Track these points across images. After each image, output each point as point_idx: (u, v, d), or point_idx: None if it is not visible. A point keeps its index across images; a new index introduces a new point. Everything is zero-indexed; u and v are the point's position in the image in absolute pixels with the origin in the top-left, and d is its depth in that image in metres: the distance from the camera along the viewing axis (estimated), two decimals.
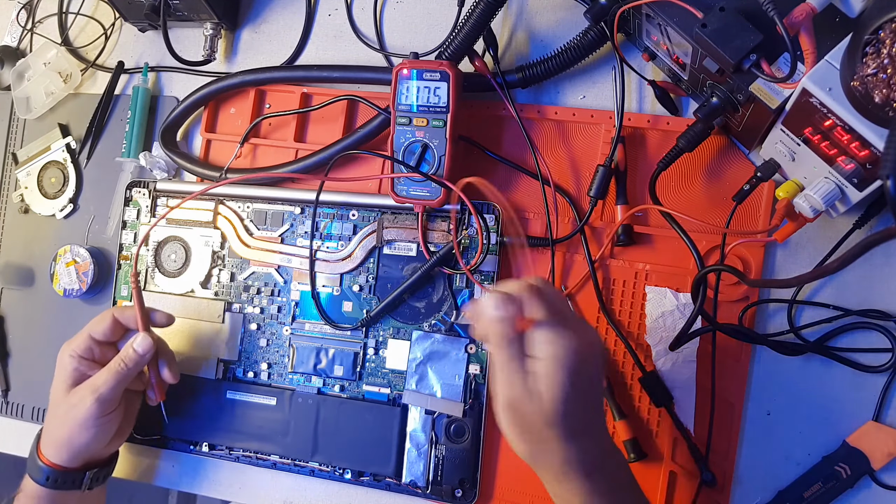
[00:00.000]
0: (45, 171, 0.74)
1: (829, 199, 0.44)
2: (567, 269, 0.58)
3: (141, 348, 0.56)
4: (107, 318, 0.57)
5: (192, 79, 0.71)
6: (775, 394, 0.54)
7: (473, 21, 0.54)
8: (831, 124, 0.41)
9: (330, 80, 0.64)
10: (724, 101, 0.49)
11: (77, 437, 0.55)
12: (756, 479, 0.54)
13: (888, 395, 0.52)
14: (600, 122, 0.59)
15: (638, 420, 0.56)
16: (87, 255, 0.69)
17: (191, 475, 0.66)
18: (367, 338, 0.61)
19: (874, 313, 0.52)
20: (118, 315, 0.58)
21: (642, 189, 0.57)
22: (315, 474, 0.61)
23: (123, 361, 0.56)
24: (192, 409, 0.63)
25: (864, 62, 0.37)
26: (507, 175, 0.61)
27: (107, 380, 0.55)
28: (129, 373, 0.56)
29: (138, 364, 0.56)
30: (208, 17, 0.67)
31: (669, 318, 0.56)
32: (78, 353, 0.57)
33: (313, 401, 0.61)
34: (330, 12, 0.68)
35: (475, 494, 0.57)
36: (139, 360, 0.56)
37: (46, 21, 0.77)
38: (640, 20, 0.52)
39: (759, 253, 0.55)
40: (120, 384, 0.56)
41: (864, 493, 0.52)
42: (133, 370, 0.56)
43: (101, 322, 0.57)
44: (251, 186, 0.65)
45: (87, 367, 0.57)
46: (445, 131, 0.56)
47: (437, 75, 0.55)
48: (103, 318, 0.57)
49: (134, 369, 0.56)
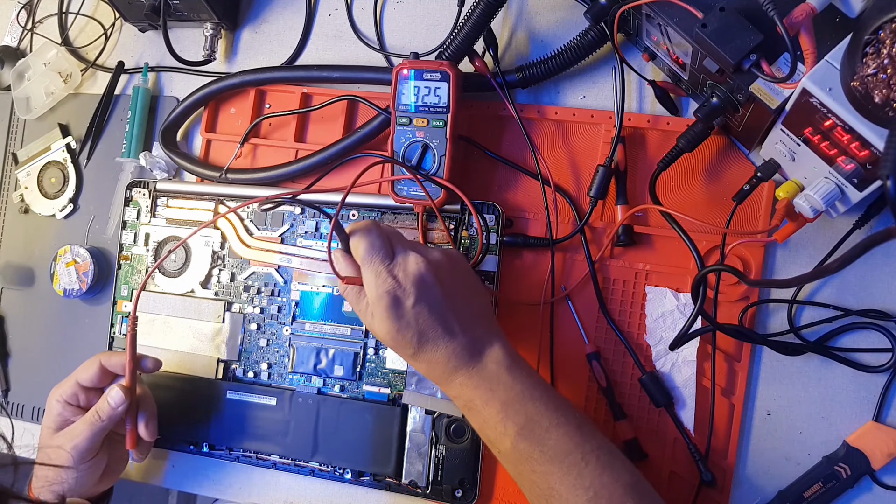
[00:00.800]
0: (45, 171, 0.74)
1: (829, 199, 0.44)
2: (567, 270, 0.58)
3: (114, 402, 0.56)
4: (94, 364, 0.58)
5: (192, 79, 0.71)
6: (775, 394, 0.54)
7: (473, 21, 0.54)
8: (831, 124, 0.41)
9: (330, 81, 0.64)
10: (724, 101, 0.49)
11: (62, 477, 0.56)
12: (756, 479, 0.54)
13: (888, 395, 0.52)
14: (600, 122, 0.59)
15: (638, 420, 0.56)
16: (87, 255, 0.69)
17: (191, 475, 0.66)
18: (367, 338, 0.61)
19: (874, 313, 0.52)
20: (105, 362, 0.58)
21: (642, 189, 0.57)
22: (315, 474, 0.61)
23: (98, 413, 0.56)
24: (193, 409, 0.63)
25: (864, 62, 0.37)
26: (507, 175, 0.61)
27: (82, 431, 0.55)
28: (104, 425, 0.56)
29: (112, 417, 0.56)
30: (208, 17, 0.67)
31: (669, 318, 0.56)
32: (64, 399, 0.57)
33: (313, 401, 0.61)
34: (330, 12, 0.68)
35: (475, 494, 0.57)
36: (112, 413, 0.56)
37: (46, 21, 0.77)
38: (640, 20, 0.52)
39: (759, 253, 0.55)
40: (96, 435, 0.55)
41: (864, 493, 0.52)
42: (108, 422, 0.56)
43: (87, 369, 0.58)
44: (251, 186, 0.65)
45: (71, 413, 0.57)
46: (445, 131, 0.56)
47: (438, 75, 0.55)
48: (90, 365, 0.58)
49: (108, 422, 0.56)
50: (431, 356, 0.47)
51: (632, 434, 0.55)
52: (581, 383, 0.57)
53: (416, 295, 0.47)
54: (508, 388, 0.47)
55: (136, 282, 0.67)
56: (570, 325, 0.58)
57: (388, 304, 0.46)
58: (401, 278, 0.47)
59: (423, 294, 0.47)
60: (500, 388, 0.47)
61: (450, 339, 0.47)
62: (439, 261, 0.49)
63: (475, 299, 0.51)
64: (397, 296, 0.46)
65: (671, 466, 0.55)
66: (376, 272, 0.47)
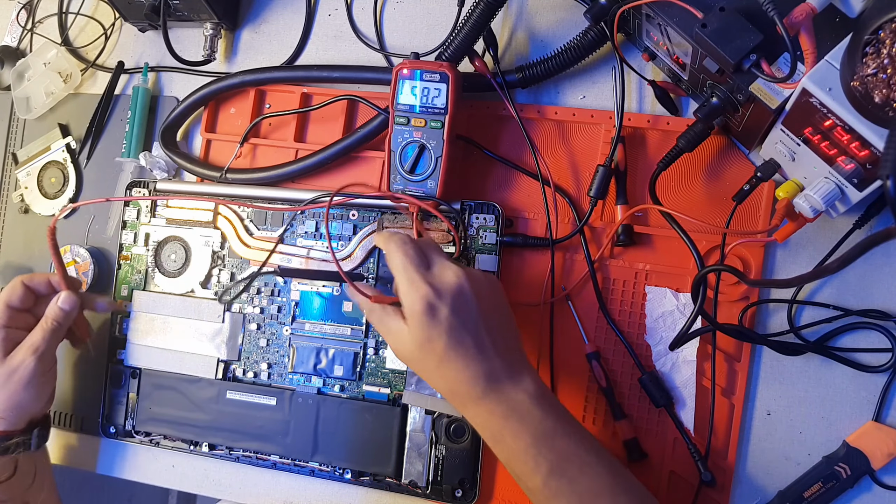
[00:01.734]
0: (45, 171, 0.74)
1: (829, 199, 0.44)
2: (567, 270, 0.58)
3: (67, 305, 0.60)
4: (17, 287, 0.60)
5: (192, 79, 0.71)
6: (775, 394, 0.54)
7: (473, 21, 0.54)
8: (831, 124, 0.41)
9: (330, 80, 0.64)
10: (724, 101, 0.49)
11: (22, 397, 0.58)
12: (756, 479, 0.54)
13: (888, 395, 0.52)
14: (600, 122, 0.59)
15: (638, 420, 0.56)
16: (87, 255, 0.69)
17: (191, 475, 0.66)
18: (367, 338, 0.61)
19: (874, 313, 0.52)
20: (27, 282, 0.61)
21: (642, 189, 0.57)
22: (315, 474, 0.61)
23: (55, 320, 0.59)
24: (193, 409, 0.63)
25: (864, 62, 0.37)
26: (507, 175, 0.61)
27: (43, 337, 0.59)
28: (60, 329, 0.60)
29: (68, 319, 0.60)
30: (208, 17, 0.67)
31: (669, 318, 0.56)
32: (2, 323, 0.59)
33: (313, 401, 0.61)
34: (330, 12, 0.68)
35: (475, 494, 0.57)
36: (68, 315, 0.60)
37: (46, 21, 0.77)
38: (640, 20, 0.52)
39: (759, 253, 0.55)
40: (55, 340, 0.60)
41: (864, 493, 0.52)
42: (64, 326, 0.60)
43: (13, 291, 0.60)
44: (251, 187, 0.65)
45: (14, 334, 0.60)
46: (443, 133, 0.56)
47: (437, 76, 0.55)
48: (14, 288, 0.60)
49: (65, 325, 0.60)
50: (457, 373, 0.45)
51: (632, 434, 0.55)
52: (581, 383, 0.57)
53: (451, 305, 0.45)
54: (539, 422, 0.45)
55: (136, 282, 0.67)
56: (570, 325, 0.58)
57: (423, 310, 0.45)
58: (437, 286, 0.45)
59: (459, 305, 0.45)
60: (531, 421, 0.45)
61: (482, 358, 0.45)
62: (479, 279, 0.48)
63: (510, 327, 0.49)
64: (432, 303, 0.45)
65: (671, 466, 0.55)
66: (410, 279, 0.46)
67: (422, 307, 0.45)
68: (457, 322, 0.45)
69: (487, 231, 0.58)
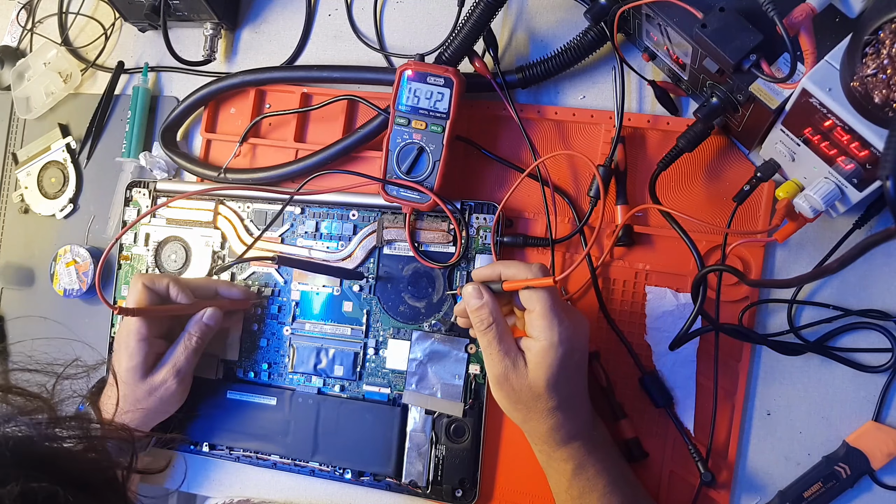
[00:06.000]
0: (45, 171, 0.74)
1: (829, 199, 0.44)
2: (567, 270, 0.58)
3: (213, 321, 0.58)
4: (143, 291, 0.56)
5: (192, 79, 0.71)
6: (775, 394, 0.54)
7: (473, 21, 0.54)
8: (831, 124, 0.41)
9: (330, 81, 0.64)
10: (724, 101, 0.49)
11: (160, 415, 0.59)
12: (756, 479, 0.54)
13: (888, 395, 0.52)
14: (600, 122, 0.59)
15: (638, 420, 0.56)
16: (87, 255, 0.69)
17: (191, 475, 0.65)
18: (368, 338, 0.61)
19: (874, 313, 0.52)
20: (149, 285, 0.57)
21: (642, 189, 0.57)
22: (315, 474, 0.61)
23: (198, 337, 0.58)
24: (193, 410, 0.63)
25: (863, 62, 0.37)
26: (507, 175, 0.61)
27: (186, 357, 0.57)
28: (203, 344, 0.58)
29: (211, 333, 0.59)
30: (208, 17, 0.67)
31: (669, 318, 0.56)
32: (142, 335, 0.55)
33: (313, 401, 0.61)
34: (330, 12, 0.68)
35: (475, 494, 0.57)
36: (212, 330, 0.59)
37: (46, 21, 0.77)
38: (640, 20, 0.52)
39: (760, 253, 0.55)
40: (197, 356, 0.59)
41: (863, 493, 0.52)
42: (206, 341, 0.59)
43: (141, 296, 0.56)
44: (251, 187, 0.65)
45: (157, 347, 0.57)
46: (443, 137, 0.56)
47: (441, 81, 0.55)
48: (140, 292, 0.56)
49: (208, 340, 0.59)
50: (566, 417, 0.48)
51: (632, 434, 0.55)
52: None
53: (581, 353, 0.48)
54: (612, 468, 0.50)
55: None
56: None
57: (562, 355, 0.46)
58: (574, 334, 0.47)
59: (584, 355, 0.49)
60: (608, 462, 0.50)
61: (586, 403, 0.50)
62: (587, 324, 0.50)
63: None
64: (572, 349, 0.46)
65: (671, 466, 0.55)
66: (560, 321, 0.46)
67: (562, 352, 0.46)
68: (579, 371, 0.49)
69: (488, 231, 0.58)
